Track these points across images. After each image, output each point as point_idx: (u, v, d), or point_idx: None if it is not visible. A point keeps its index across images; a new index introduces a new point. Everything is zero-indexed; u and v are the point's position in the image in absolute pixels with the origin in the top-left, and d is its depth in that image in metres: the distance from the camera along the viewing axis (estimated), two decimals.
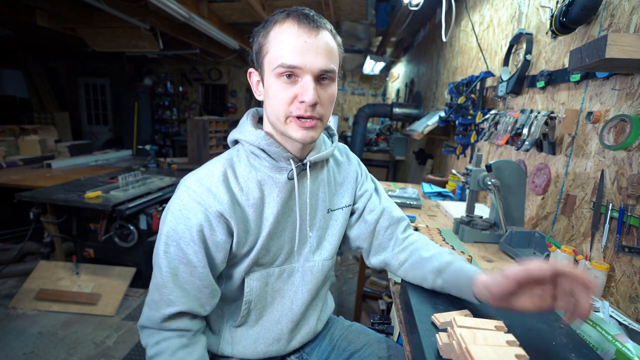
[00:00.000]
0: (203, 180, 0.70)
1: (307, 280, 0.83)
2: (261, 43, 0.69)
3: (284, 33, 0.65)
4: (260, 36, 0.70)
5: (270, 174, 0.74)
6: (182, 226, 0.68)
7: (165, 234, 0.69)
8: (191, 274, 0.69)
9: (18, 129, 4.07)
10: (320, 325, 0.92)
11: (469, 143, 2.07)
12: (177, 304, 0.69)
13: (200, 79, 7.65)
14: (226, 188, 0.70)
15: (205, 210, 0.68)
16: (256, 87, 0.76)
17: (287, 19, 0.66)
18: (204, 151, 3.86)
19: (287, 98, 0.67)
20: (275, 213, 0.75)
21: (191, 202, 0.68)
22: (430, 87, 3.41)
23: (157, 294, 0.69)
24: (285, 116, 0.68)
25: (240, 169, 0.74)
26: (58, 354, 1.92)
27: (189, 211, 0.68)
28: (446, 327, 0.61)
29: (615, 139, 0.96)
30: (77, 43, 4.60)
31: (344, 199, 0.88)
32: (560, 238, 1.18)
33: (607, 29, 1.02)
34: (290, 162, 0.74)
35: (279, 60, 0.65)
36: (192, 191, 0.69)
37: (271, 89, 0.68)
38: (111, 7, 2.95)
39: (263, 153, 0.74)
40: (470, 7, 2.31)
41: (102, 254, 2.60)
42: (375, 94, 7.54)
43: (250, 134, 0.74)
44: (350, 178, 0.89)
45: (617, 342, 0.61)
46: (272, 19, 0.68)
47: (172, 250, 0.69)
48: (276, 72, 0.66)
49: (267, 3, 3.31)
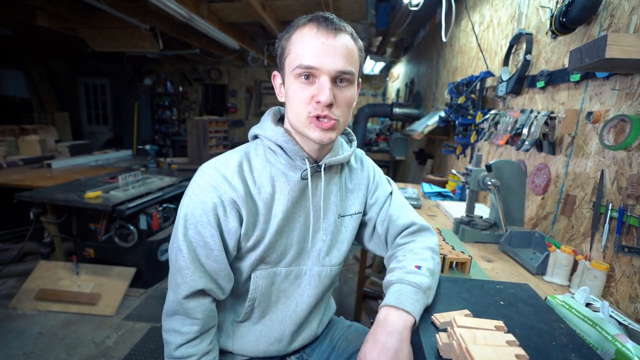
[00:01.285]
0: (220, 167, 0.73)
1: (313, 285, 0.83)
2: (283, 46, 0.72)
3: (304, 35, 0.68)
4: (283, 40, 0.72)
5: (284, 171, 0.75)
6: (199, 210, 0.70)
7: (184, 218, 0.71)
8: (208, 257, 0.72)
9: (18, 129, 4.07)
10: (321, 328, 0.92)
11: (469, 143, 2.07)
12: (200, 283, 0.71)
13: (200, 79, 7.65)
14: (240, 178, 0.72)
15: (220, 196, 0.70)
16: (279, 89, 0.77)
17: (309, 23, 0.69)
18: (204, 151, 3.86)
19: (305, 98, 0.68)
20: (284, 210, 0.75)
21: (207, 186, 0.71)
22: (430, 87, 3.41)
23: (179, 276, 0.71)
24: (305, 117, 0.70)
25: (256, 162, 0.76)
26: (58, 354, 1.92)
27: (205, 195, 0.70)
28: (446, 327, 0.61)
29: (615, 139, 0.96)
30: (77, 43, 4.60)
31: (354, 206, 0.87)
32: (560, 238, 1.18)
33: (607, 29, 1.02)
34: (306, 161, 0.75)
35: (298, 61, 0.67)
36: (209, 176, 0.72)
37: (290, 89, 0.70)
38: (111, 7, 2.95)
39: (280, 149, 0.75)
40: (470, 7, 2.31)
41: (102, 254, 2.60)
42: (375, 94, 7.53)
43: (270, 130, 0.76)
44: (361, 185, 0.88)
45: (616, 342, 0.61)
46: (294, 24, 0.71)
47: (190, 233, 0.71)
48: (295, 73, 0.68)
49: (267, 3, 3.31)
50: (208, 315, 0.75)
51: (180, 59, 6.57)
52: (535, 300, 0.74)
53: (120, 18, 3.18)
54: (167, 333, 0.75)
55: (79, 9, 3.38)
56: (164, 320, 0.76)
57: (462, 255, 0.99)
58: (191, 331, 0.73)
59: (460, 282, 0.81)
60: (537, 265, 1.02)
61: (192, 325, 0.73)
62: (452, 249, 1.04)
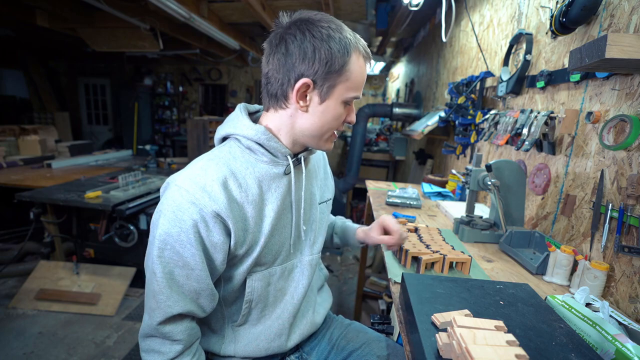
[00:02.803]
0: (196, 178, 0.66)
1: (306, 274, 0.85)
2: (340, 63, 0.67)
3: (360, 67, 0.71)
4: (338, 56, 0.67)
5: (268, 169, 0.74)
6: (176, 229, 0.65)
7: (159, 238, 0.66)
8: (188, 277, 0.67)
9: (18, 129, 4.07)
10: (317, 317, 0.92)
11: (469, 143, 2.07)
12: (175, 307, 0.67)
13: (200, 79, 7.64)
14: (222, 186, 0.67)
15: (200, 211, 0.65)
16: (303, 96, 0.70)
17: (361, 52, 0.71)
18: (204, 151, 3.79)
19: (342, 118, 0.74)
20: (276, 209, 0.75)
21: (185, 202, 0.65)
22: (430, 87, 3.41)
23: (153, 301, 0.67)
24: (330, 133, 0.75)
25: (237, 165, 0.71)
26: (58, 353, 1.92)
27: (183, 212, 0.65)
28: (446, 327, 0.61)
29: (615, 139, 0.96)
30: (77, 43, 4.60)
31: (328, 192, 0.95)
32: (560, 238, 1.18)
33: (607, 29, 1.02)
34: (287, 157, 0.76)
35: (355, 93, 0.72)
36: (185, 191, 0.65)
37: (332, 110, 0.72)
38: (111, 7, 2.95)
39: (261, 148, 0.73)
40: (470, 7, 2.31)
41: (102, 254, 2.60)
42: (375, 94, 7.53)
43: (248, 129, 0.72)
44: (328, 172, 0.98)
45: (616, 342, 0.61)
46: (353, 43, 0.69)
47: (167, 254, 0.66)
48: (346, 100, 0.72)
49: (267, 3, 3.31)
50: (189, 334, 0.72)
51: (180, 59, 6.57)
52: (535, 300, 0.74)
53: (120, 18, 3.18)
54: (146, 353, 0.71)
55: (79, 9, 3.38)
56: (141, 341, 0.72)
57: (462, 255, 0.99)
58: (172, 350, 0.70)
59: (460, 282, 0.81)
60: (537, 265, 1.02)
61: (173, 345, 0.70)
62: (452, 248, 1.04)
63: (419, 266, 0.95)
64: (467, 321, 0.59)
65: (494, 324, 0.59)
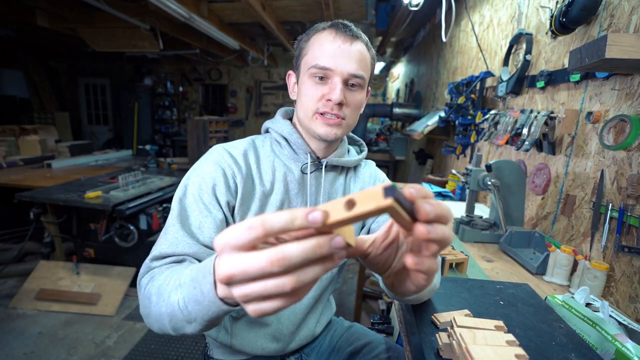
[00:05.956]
0: (228, 148, 0.77)
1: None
2: (302, 47, 0.76)
3: (322, 39, 0.72)
4: (302, 42, 0.77)
5: (287, 163, 0.79)
6: (199, 178, 0.72)
7: (184, 184, 0.73)
8: (203, 219, 0.67)
9: (18, 129, 4.07)
10: (319, 328, 0.92)
11: (469, 143, 2.07)
12: (181, 245, 0.64)
13: (200, 79, 7.64)
14: (245, 161, 0.76)
15: (223, 170, 0.73)
16: (292, 87, 0.82)
17: (328, 28, 0.73)
18: (204, 151, 3.80)
19: (316, 96, 0.73)
20: (280, 200, 0.77)
21: (212, 160, 0.74)
22: (430, 87, 3.41)
23: (163, 234, 0.67)
24: (312, 112, 0.74)
25: (262, 151, 0.80)
26: (58, 353, 1.92)
27: (209, 166, 0.73)
28: (446, 327, 0.61)
29: (615, 139, 0.96)
30: (77, 43, 4.60)
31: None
32: (560, 238, 1.18)
33: (607, 29, 1.02)
34: (308, 156, 0.78)
35: (314, 61, 0.71)
36: (217, 153, 0.75)
37: (304, 87, 0.74)
38: (111, 7, 2.95)
39: (285, 141, 0.79)
40: (470, 7, 2.31)
41: (102, 254, 2.60)
42: (375, 94, 7.53)
43: (278, 123, 0.81)
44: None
45: (616, 342, 0.61)
46: (314, 28, 0.76)
47: (189, 197, 0.70)
48: (310, 73, 0.72)
49: (267, 3, 3.32)
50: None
51: (180, 59, 6.57)
52: (535, 300, 0.75)
53: (120, 18, 3.18)
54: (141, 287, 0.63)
55: (79, 9, 3.38)
56: (138, 287, 0.65)
57: (460, 255, 0.99)
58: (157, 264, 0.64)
59: (460, 282, 0.81)
60: (537, 265, 1.02)
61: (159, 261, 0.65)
62: (452, 249, 1.04)
63: None
64: (467, 321, 0.59)
65: (494, 324, 0.59)
